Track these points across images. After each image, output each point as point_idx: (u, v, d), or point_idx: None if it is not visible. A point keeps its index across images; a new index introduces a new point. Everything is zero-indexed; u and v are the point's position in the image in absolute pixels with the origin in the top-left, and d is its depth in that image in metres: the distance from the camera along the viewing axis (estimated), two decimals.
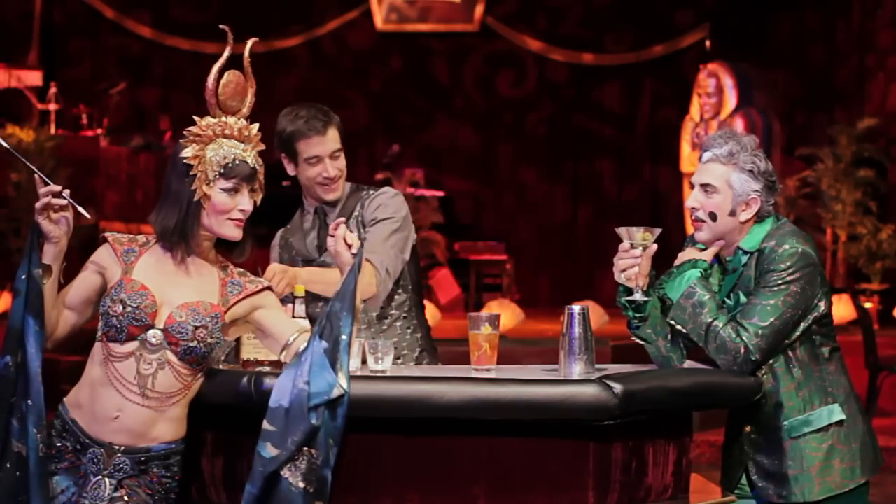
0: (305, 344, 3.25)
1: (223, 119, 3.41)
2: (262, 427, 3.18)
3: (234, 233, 3.38)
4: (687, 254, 3.75)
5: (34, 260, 3.29)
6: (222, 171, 3.35)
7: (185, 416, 3.38)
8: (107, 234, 3.44)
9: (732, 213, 3.68)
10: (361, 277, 3.58)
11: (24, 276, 3.28)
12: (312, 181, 4.17)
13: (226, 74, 3.47)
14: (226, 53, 3.47)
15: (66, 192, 3.32)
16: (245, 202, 3.37)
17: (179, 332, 3.29)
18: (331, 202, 4.21)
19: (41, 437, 3.24)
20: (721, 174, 3.67)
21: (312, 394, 3.15)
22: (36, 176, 3.32)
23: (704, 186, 3.69)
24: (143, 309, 3.29)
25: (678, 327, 3.68)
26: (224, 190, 3.35)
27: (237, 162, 3.36)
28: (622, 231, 3.66)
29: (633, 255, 3.63)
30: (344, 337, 3.19)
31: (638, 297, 3.68)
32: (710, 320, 3.61)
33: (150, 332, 3.30)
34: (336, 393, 3.15)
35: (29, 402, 3.25)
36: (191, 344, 3.29)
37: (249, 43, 3.50)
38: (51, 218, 3.30)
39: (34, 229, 3.31)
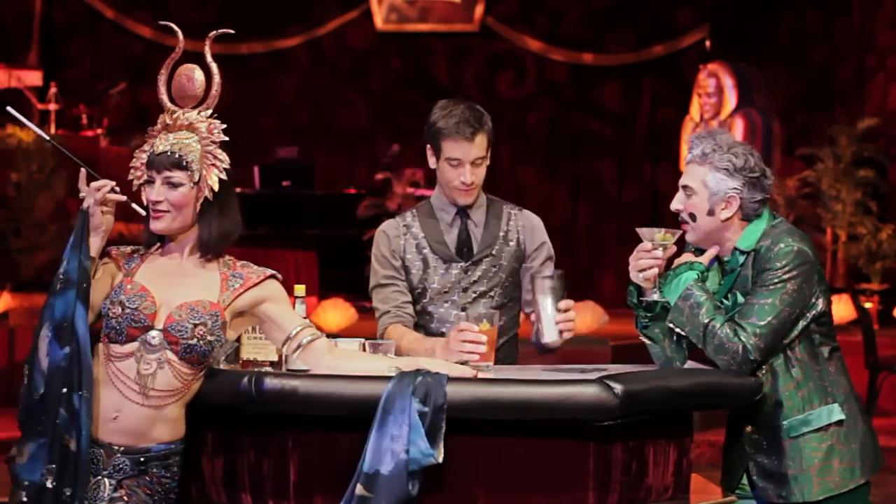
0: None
1: (170, 113, 3.44)
2: (354, 491, 3.18)
3: (152, 225, 3.36)
4: (683, 256, 3.76)
5: (84, 250, 3.30)
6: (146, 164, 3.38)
7: (183, 417, 3.37)
8: (111, 249, 3.46)
9: (711, 213, 3.69)
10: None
11: (76, 265, 3.28)
12: (449, 182, 4.12)
13: (179, 69, 3.50)
14: (178, 49, 3.50)
15: (118, 188, 3.36)
16: (153, 192, 3.34)
17: (179, 330, 3.29)
18: (464, 206, 4.16)
19: (88, 432, 3.25)
20: (698, 175, 3.69)
21: (411, 460, 3.17)
22: (83, 170, 3.36)
23: (685, 188, 3.72)
24: (141, 310, 3.29)
25: (677, 329, 3.68)
26: (146, 182, 3.37)
27: (150, 152, 3.37)
28: (643, 231, 3.67)
29: (654, 255, 3.65)
30: (444, 403, 3.21)
31: (656, 296, 3.68)
32: (707, 321, 3.61)
33: (150, 333, 3.30)
34: (430, 463, 3.18)
35: (82, 393, 3.23)
36: (190, 342, 3.29)
37: (209, 39, 3.51)
38: (103, 212, 3.34)
39: (83, 221, 3.32)
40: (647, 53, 15.63)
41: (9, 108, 3.66)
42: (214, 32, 3.51)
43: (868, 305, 11.44)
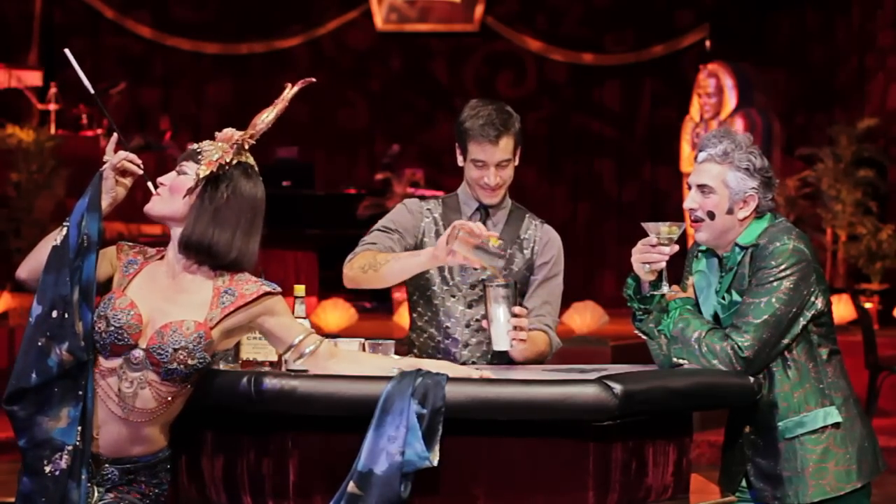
0: (386, 395, 3.22)
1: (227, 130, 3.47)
2: (346, 488, 3.18)
3: (145, 207, 3.39)
4: (674, 292, 3.79)
5: (101, 215, 3.31)
6: None
7: (165, 432, 3.35)
8: (120, 243, 3.45)
9: (730, 212, 3.68)
10: (535, 347, 3.96)
11: (96, 228, 3.27)
12: (474, 182, 4.11)
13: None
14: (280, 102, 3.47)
15: (141, 164, 3.38)
16: (164, 176, 3.38)
17: (160, 353, 3.24)
18: (488, 206, 4.16)
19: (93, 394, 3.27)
20: (717, 174, 3.67)
21: (406, 462, 3.17)
22: (115, 135, 3.40)
23: (701, 187, 3.69)
24: (125, 329, 3.24)
25: (682, 361, 3.67)
26: None
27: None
28: (649, 226, 3.65)
29: (661, 251, 3.63)
30: (442, 406, 3.20)
31: (665, 289, 3.68)
32: (695, 335, 3.62)
33: (134, 352, 3.26)
34: (425, 465, 3.18)
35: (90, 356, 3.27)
36: (170, 366, 3.24)
37: (298, 86, 3.47)
38: (118, 180, 3.35)
39: (97, 183, 3.33)
40: (647, 53, 15.64)
41: (66, 51, 3.71)
42: (304, 81, 3.45)
43: (868, 305, 11.44)
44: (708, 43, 15.15)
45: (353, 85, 16.10)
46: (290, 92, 3.44)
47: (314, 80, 3.50)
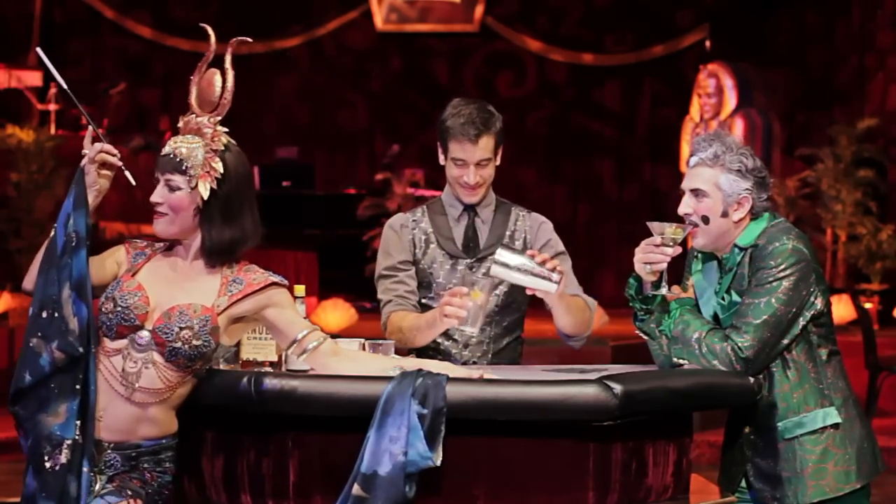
0: (386, 396, 3.22)
1: (185, 116, 3.43)
2: (350, 490, 3.19)
3: (153, 226, 3.39)
4: (674, 291, 3.78)
5: (88, 211, 3.31)
6: None
7: (173, 417, 3.36)
8: (127, 240, 3.46)
9: (725, 215, 3.68)
10: (579, 307, 3.93)
11: (83, 223, 3.28)
12: (455, 181, 4.14)
13: (206, 73, 3.50)
14: (209, 53, 3.49)
15: (119, 154, 3.37)
16: (155, 194, 3.36)
17: (165, 332, 3.28)
18: (469, 205, 4.17)
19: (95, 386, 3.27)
20: (709, 177, 3.67)
21: (409, 462, 3.18)
22: (90, 128, 3.38)
23: (694, 191, 3.69)
24: (132, 309, 3.29)
25: (682, 361, 3.67)
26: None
27: (159, 155, 3.38)
28: (654, 225, 3.65)
29: (664, 252, 3.63)
30: (443, 406, 3.21)
31: (664, 291, 3.68)
32: (695, 335, 3.62)
33: (140, 333, 3.29)
34: (428, 465, 3.18)
35: (93, 348, 3.27)
36: (175, 345, 3.28)
37: (230, 45, 3.50)
38: (100, 173, 3.35)
39: (81, 177, 3.33)
40: (647, 53, 15.63)
41: (38, 50, 3.71)
42: (236, 39, 3.50)
43: (868, 305, 11.43)
44: (708, 43, 15.14)
45: (353, 85, 16.10)
46: (228, 59, 3.47)
47: (249, 39, 3.53)
